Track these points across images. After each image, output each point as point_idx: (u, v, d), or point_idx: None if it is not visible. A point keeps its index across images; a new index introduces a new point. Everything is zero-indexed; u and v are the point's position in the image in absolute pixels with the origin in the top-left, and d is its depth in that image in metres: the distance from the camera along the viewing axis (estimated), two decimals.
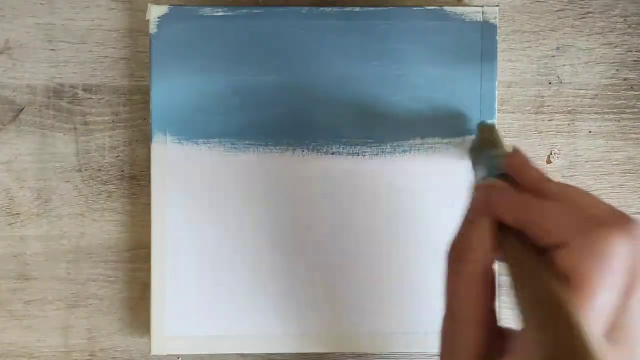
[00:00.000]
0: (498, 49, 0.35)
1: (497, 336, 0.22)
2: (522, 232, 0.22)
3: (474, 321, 0.22)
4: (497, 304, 0.23)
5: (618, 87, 0.37)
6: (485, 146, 0.31)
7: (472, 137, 0.34)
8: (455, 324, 0.22)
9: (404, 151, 0.34)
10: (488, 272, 0.23)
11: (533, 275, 0.20)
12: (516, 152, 0.26)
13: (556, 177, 0.37)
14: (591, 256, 0.19)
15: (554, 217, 0.20)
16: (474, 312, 0.22)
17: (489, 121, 0.34)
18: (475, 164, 0.31)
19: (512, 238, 0.22)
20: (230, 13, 0.34)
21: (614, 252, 0.19)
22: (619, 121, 0.37)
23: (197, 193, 0.34)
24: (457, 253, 0.23)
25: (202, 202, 0.34)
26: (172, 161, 0.34)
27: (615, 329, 0.19)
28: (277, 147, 0.34)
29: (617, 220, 0.19)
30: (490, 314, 0.23)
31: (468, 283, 0.22)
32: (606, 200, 0.36)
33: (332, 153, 0.34)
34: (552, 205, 0.21)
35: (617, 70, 0.37)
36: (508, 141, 0.37)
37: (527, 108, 0.37)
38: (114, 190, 0.36)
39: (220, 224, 0.34)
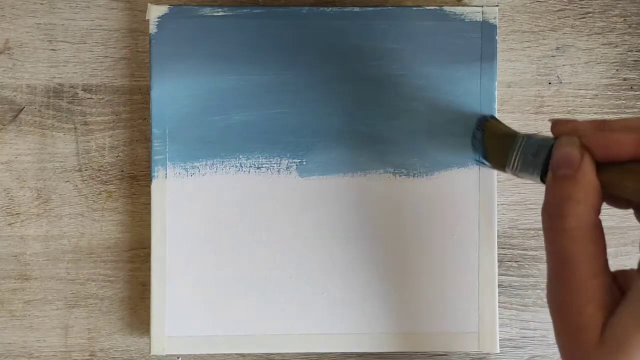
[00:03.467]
0: (498, 49, 0.35)
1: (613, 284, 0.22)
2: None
3: (588, 283, 0.21)
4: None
5: (618, 87, 0.37)
6: (507, 136, 0.30)
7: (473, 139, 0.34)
8: (562, 291, 0.21)
9: (410, 171, 0.34)
10: (597, 223, 0.22)
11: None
12: (556, 120, 0.26)
13: None
14: None
15: None
16: (586, 273, 0.21)
17: (489, 115, 0.34)
18: (506, 157, 0.30)
19: (629, 173, 0.22)
20: (230, 13, 0.34)
21: None
22: None
23: (198, 193, 0.34)
24: (562, 211, 0.22)
25: (203, 202, 0.34)
26: (173, 161, 0.34)
27: None
28: (274, 158, 0.34)
29: None
30: (605, 271, 0.22)
31: (583, 241, 0.21)
32: None
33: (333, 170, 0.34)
34: None
35: (617, 70, 0.37)
36: None
37: (527, 108, 0.37)
38: (114, 190, 0.36)
39: (220, 224, 0.34)
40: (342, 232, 0.34)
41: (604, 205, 0.37)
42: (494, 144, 0.32)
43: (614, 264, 0.36)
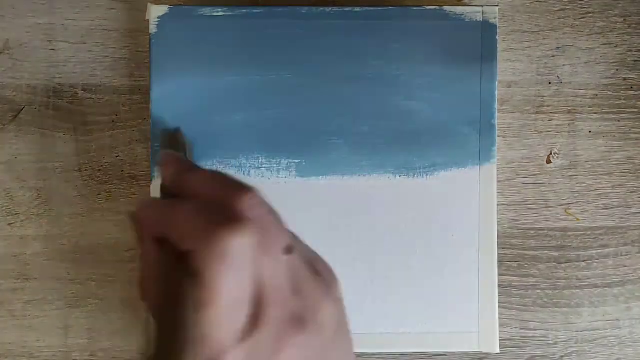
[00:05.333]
0: (498, 49, 0.35)
1: None
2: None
3: None
4: None
5: (618, 87, 0.37)
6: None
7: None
8: None
9: (409, 172, 0.34)
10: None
11: (164, 276, 0.21)
12: (164, 153, 0.27)
13: (556, 177, 0.37)
14: (211, 257, 0.20)
15: (182, 226, 0.21)
16: None
17: (172, 128, 0.34)
18: None
19: (151, 247, 0.23)
20: (230, 13, 0.34)
21: (227, 249, 0.20)
22: (619, 121, 0.37)
23: None
24: (140, 291, 0.24)
25: None
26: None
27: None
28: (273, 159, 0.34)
29: (226, 219, 0.21)
30: None
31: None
32: (606, 201, 0.36)
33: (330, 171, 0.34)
34: (181, 213, 0.22)
35: (617, 70, 0.37)
36: (508, 141, 0.37)
37: (527, 108, 0.37)
38: (114, 190, 0.36)
39: None
40: (342, 232, 0.34)
41: (604, 205, 0.37)
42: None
43: (614, 264, 0.37)
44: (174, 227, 0.22)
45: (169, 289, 0.21)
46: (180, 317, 0.20)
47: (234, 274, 0.20)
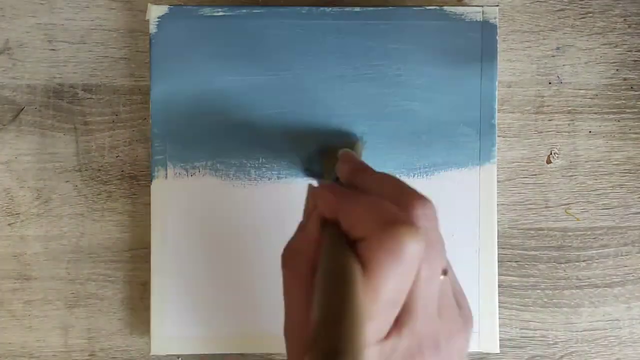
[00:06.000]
0: (498, 49, 0.35)
1: None
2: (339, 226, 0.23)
3: (305, 323, 0.22)
4: None
5: (618, 87, 0.37)
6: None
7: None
8: (289, 326, 0.23)
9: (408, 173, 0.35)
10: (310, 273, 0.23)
11: (333, 259, 0.21)
12: (343, 152, 0.27)
13: (556, 177, 0.37)
14: (382, 251, 0.20)
15: (357, 214, 0.22)
16: (305, 316, 0.22)
17: (357, 137, 0.34)
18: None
19: (329, 230, 0.23)
20: (230, 13, 0.34)
21: (401, 248, 0.20)
22: (619, 121, 0.37)
23: (198, 193, 0.34)
24: (287, 257, 0.24)
25: (203, 202, 0.34)
26: (173, 161, 0.34)
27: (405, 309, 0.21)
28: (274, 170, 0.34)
29: (404, 219, 0.21)
30: None
31: (299, 286, 0.23)
32: (605, 201, 0.36)
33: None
34: (358, 203, 0.22)
35: (617, 70, 0.37)
36: (508, 141, 0.37)
37: (527, 108, 0.37)
38: (114, 190, 0.36)
39: (220, 223, 0.34)
40: None
41: (604, 205, 0.37)
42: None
43: (614, 264, 0.37)
44: (349, 214, 0.22)
45: (334, 267, 0.21)
46: (350, 295, 0.20)
47: (400, 274, 0.20)
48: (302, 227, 0.25)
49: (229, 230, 0.34)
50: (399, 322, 0.21)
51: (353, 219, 0.22)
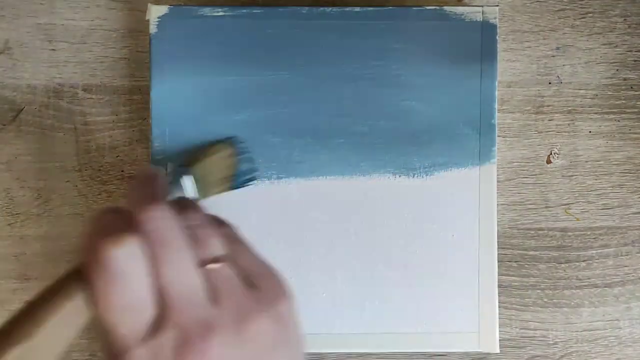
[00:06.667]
0: (498, 49, 0.35)
1: None
2: None
3: None
4: None
5: (618, 87, 0.37)
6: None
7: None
8: None
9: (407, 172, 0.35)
10: None
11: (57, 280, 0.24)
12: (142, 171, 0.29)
13: (556, 177, 0.37)
14: (94, 266, 0.22)
15: (88, 229, 0.23)
16: None
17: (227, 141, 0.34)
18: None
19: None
20: (230, 13, 0.34)
21: (98, 259, 0.22)
22: (619, 121, 0.37)
23: None
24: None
25: (202, 201, 0.34)
26: (173, 161, 0.34)
27: None
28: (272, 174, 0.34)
29: (116, 231, 0.22)
30: None
31: None
32: (606, 201, 0.36)
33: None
34: (95, 216, 0.24)
35: (617, 70, 0.37)
36: (508, 141, 0.37)
37: (527, 108, 0.37)
38: (114, 190, 0.36)
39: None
40: (342, 233, 0.34)
41: (604, 205, 0.37)
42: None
43: (614, 264, 0.37)
44: (87, 229, 0.23)
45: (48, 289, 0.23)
46: (38, 323, 0.22)
47: (119, 282, 0.21)
48: None
49: None
50: (158, 319, 0.22)
51: (84, 238, 0.23)
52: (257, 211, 0.34)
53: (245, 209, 0.34)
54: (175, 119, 0.34)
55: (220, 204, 0.34)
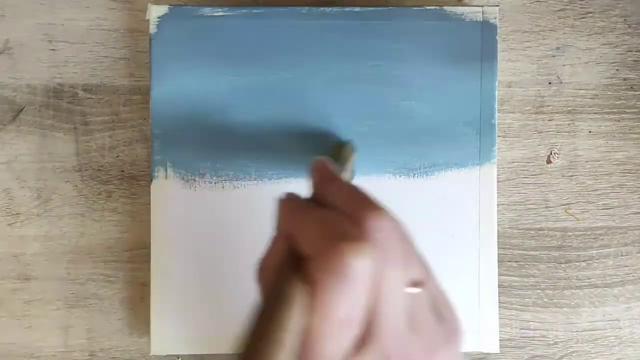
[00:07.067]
0: (498, 49, 0.35)
1: None
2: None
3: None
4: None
5: (618, 87, 0.37)
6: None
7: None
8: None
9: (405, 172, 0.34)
10: None
11: (276, 280, 0.21)
12: (315, 160, 0.26)
13: (556, 177, 0.37)
14: (327, 270, 0.20)
15: (307, 230, 0.21)
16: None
17: (346, 141, 0.34)
18: None
19: (285, 247, 0.23)
20: (230, 13, 0.34)
21: (345, 267, 0.20)
22: (619, 121, 0.37)
23: (198, 192, 0.34)
24: (259, 271, 0.24)
25: (203, 202, 0.34)
26: (173, 161, 0.34)
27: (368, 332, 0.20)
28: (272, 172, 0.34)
29: (349, 236, 0.20)
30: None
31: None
32: (606, 201, 0.36)
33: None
34: (310, 218, 0.22)
35: (617, 70, 0.37)
36: (508, 141, 0.37)
37: (527, 108, 0.37)
38: (114, 190, 0.36)
39: (220, 223, 0.34)
40: None
41: (604, 205, 0.37)
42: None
43: (614, 264, 0.37)
44: (300, 230, 0.22)
45: (277, 285, 0.21)
46: (277, 316, 0.20)
47: (348, 293, 0.20)
48: (272, 241, 0.24)
49: (229, 230, 0.34)
50: (362, 341, 0.20)
51: (303, 236, 0.21)
52: (258, 211, 0.34)
53: (246, 208, 0.34)
54: (175, 119, 0.34)
55: (220, 203, 0.34)
